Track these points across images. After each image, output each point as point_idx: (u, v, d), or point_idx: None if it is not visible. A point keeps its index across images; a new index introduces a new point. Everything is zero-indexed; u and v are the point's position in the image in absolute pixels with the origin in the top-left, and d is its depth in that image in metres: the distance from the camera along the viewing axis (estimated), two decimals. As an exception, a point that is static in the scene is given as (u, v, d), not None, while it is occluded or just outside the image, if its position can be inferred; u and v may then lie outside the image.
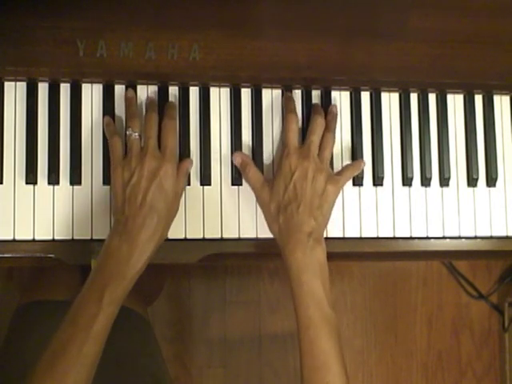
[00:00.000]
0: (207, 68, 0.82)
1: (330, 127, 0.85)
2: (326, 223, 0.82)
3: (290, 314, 0.78)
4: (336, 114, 0.87)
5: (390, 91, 0.90)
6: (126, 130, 0.81)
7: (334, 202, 0.82)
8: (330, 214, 0.81)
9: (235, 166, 0.85)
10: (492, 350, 1.78)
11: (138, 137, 0.79)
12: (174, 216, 0.80)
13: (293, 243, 0.77)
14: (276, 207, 0.80)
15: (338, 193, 0.82)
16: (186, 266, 1.61)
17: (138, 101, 0.84)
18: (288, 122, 0.83)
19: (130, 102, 0.83)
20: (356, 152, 0.88)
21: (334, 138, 0.86)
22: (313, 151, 0.81)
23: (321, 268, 0.77)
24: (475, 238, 0.90)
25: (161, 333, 1.59)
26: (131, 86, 0.84)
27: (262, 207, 0.83)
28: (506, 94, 0.92)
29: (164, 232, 0.78)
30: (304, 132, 0.86)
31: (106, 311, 0.71)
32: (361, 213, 0.88)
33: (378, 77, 0.87)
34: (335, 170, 0.87)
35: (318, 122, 0.84)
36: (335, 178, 0.82)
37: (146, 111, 0.82)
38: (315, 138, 0.83)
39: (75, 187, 0.83)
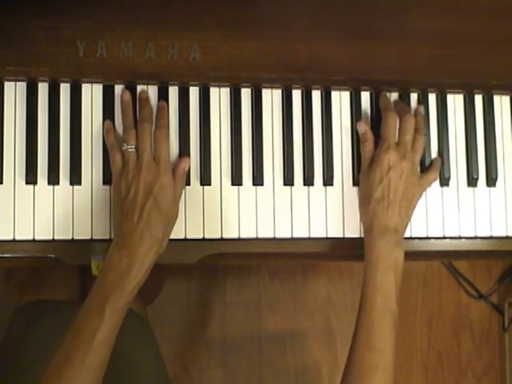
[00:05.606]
0: (207, 68, 0.82)
1: (420, 130, 0.87)
2: (407, 225, 0.85)
3: (290, 314, 0.78)
4: (422, 115, 0.88)
5: (390, 91, 0.90)
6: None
7: (416, 204, 0.86)
8: (411, 215, 0.85)
9: (235, 167, 0.85)
10: (492, 350, 1.78)
11: (133, 150, 0.80)
12: (174, 223, 0.81)
13: (378, 232, 0.82)
14: (370, 192, 0.83)
15: (421, 196, 0.86)
16: (186, 266, 1.61)
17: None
18: (388, 118, 0.86)
19: (126, 108, 0.83)
20: (356, 152, 0.88)
21: (425, 141, 0.87)
22: (408, 151, 0.84)
23: (396, 266, 0.81)
24: (475, 238, 0.90)
25: (161, 333, 1.59)
26: (131, 87, 0.84)
27: (361, 182, 0.86)
28: (506, 94, 0.92)
29: (163, 242, 0.78)
30: (308, 132, 0.87)
31: (108, 322, 0.72)
32: (361, 213, 0.88)
33: (377, 77, 0.87)
34: (334, 170, 0.87)
35: (411, 123, 0.86)
36: (421, 183, 0.86)
37: (139, 122, 0.82)
38: (409, 137, 0.85)
39: (75, 187, 0.83)
